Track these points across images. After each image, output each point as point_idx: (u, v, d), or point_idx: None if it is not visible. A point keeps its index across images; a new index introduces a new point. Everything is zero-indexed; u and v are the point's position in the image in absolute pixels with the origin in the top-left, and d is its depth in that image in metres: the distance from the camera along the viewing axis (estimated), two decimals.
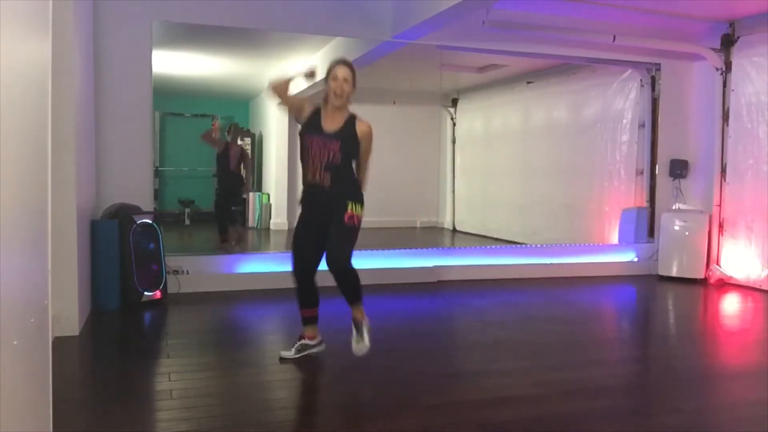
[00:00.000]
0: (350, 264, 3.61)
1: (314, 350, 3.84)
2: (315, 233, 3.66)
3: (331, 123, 3.63)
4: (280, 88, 3.71)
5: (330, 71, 3.63)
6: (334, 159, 3.57)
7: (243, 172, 8.73)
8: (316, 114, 3.67)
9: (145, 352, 4.13)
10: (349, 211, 3.59)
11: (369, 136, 3.69)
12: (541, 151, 9.18)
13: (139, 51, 5.56)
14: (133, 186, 5.53)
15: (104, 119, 5.46)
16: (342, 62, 3.65)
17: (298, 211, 3.81)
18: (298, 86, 3.90)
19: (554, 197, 8.79)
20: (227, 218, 8.49)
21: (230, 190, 8.56)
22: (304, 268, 3.73)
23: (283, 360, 3.77)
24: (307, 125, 3.67)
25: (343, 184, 3.63)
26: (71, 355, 3.93)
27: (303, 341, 3.82)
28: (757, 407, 3.23)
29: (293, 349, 3.81)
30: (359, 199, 3.68)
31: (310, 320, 3.85)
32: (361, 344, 3.71)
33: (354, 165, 3.71)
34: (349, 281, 3.65)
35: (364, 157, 3.74)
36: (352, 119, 3.67)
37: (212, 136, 8.74)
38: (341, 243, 3.59)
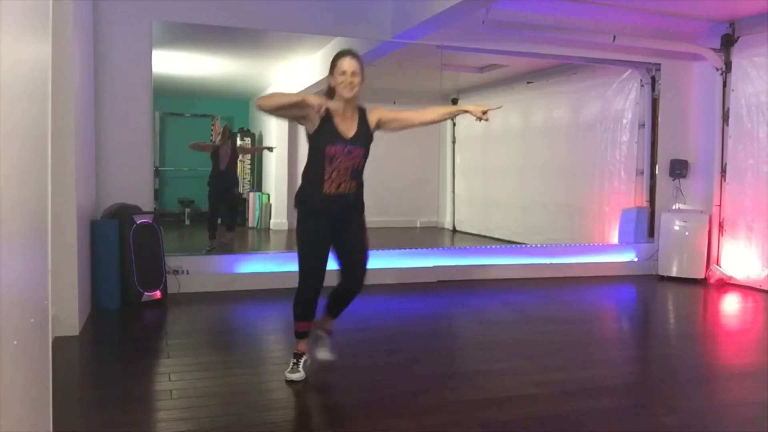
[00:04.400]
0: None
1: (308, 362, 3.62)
2: (331, 244, 3.41)
3: (348, 126, 3.30)
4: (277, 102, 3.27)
5: (335, 65, 3.29)
6: (358, 165, 3.32)
7: (244, 167, 8.79)
8: (329, 120, 3.26)
9: (145, 352, 4.13)
10: (363, 216, 3.49)
11: (382, 110, 3.41)
12: (541, 151, 9.18)
13: (139, 51, 5.56)
14: (133, 186, 5.53)
15: (104, 119, 5.46)
16: (347, 53, 3.32)
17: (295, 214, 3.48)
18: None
19: (554, 197, 8.78)
20: (216, 217, 8.65)
21: (219, 189, 8.71)
22: (318, 279, 3.39)
23: (290, 383, 3.44)
24: (320, 132, 3.27)
25: (361, 189, 3.43)
26: (71, 355, 3.93)
27: (305, 357, 3.56)
28: (757, 407, 3.23)
29: (301, 370, 3.48)
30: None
31: (306, 334, 3.60)
32: (323, 353, 3.67)
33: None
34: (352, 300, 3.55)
35: (407, 116, 3.48)
36: (363, 114, 3.37)
37: (201, 144, 8.91)
38: (366, 253, 3.45)
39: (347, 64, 3.27)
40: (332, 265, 3.46)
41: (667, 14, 6.56)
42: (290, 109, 3.24)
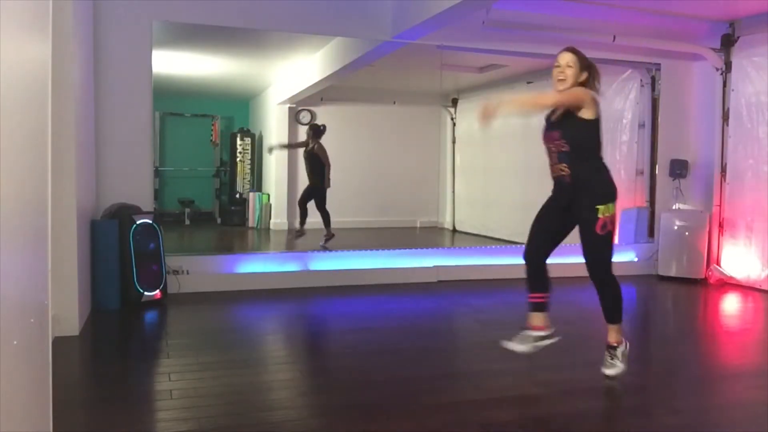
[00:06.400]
0: (609, 279, 3.54)
1: (546, 342, 3.58)
2: (551, 226, 3.66)
3: (557, 114, 3.56)
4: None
5: (556, 59, 3.57)
6: (562, 147, 3.51)
7: (244, 167, 8.79)
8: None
9: (145, 352, 4.14)
10: (599, 217, 3.40)
11: (576, 95, 3.56)
12: (541, 151, 9.14)
13: (139, 51, 5.56)
14: (133, 186, 5.53)
15: (104, 119, 5.45)
16: (566, 48, 3.61)
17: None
18: None
19: None
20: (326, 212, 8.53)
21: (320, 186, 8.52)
22: (530, 260, 3.73)
23: (518, 351, 3.53)
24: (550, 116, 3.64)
25: (583, 177, 3.49)
26: (71, 355, 3.93)
27: (527, 332, 3.58)
28: (757, 407, 3.23)
29: (524, 343, 3.52)
30: (609, 196, 3.47)
31: (536, 307, 3.64)
32: (611, 369, 3.57)
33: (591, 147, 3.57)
34: (607, 297, 3.58)
35: (585, 113, 3.58)
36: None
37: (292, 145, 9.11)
38: (595, 255, 3.54)
39: (562, 57, 3.56)
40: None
41: (667, 14, 6.55)
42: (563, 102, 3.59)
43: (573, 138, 3.48)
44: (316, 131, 8.49)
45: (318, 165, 8.29)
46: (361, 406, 3.15)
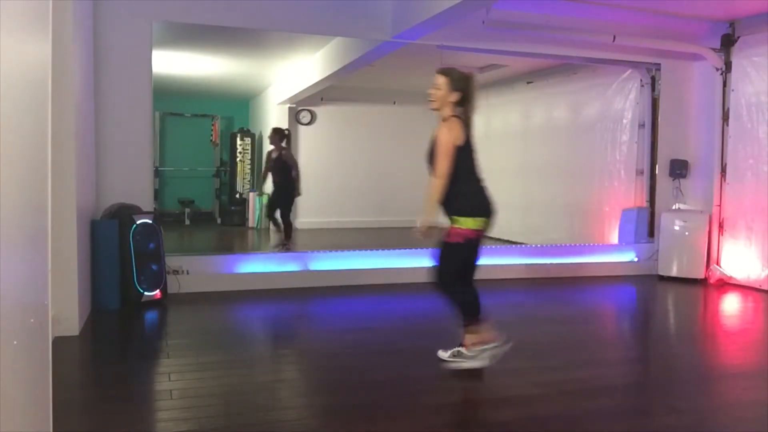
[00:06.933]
0: (443, 283, 3.67)
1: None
2: None
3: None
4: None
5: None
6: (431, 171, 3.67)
7: (244, 167, 8.49)
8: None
9: (145, 352, 4.14)
10: (450, 226, 3.63)
11: (438, 135, 3.68)
12: (541, 151, 9.18)
13: (139, 51, 5.56)
14: (133, 186, 5.53)
15: (104, 119, 5.45)
16: (438, 70, 3.71)
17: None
18: None
19: (554, 197, 8.78)
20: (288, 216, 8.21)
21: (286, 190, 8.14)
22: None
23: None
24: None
25: (444, 197, 3.65)
26: (71, 355, 3.93)
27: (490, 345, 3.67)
28: (757, 407, 3.23)
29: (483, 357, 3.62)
30: (459, 212, 3.67)
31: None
32: (444, 356, 3.72)
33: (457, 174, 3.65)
34: (448, 301, 3.71)
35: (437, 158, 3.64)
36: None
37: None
38: (437, 259, 3.69)
39: (435, 78, 3.68)
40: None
41: (667, 14, 6.55)
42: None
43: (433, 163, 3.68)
44: (282, 136, 8.00)
45: (287, 171, 7.86)
46: (361, 406, 3.15)
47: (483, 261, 6.93)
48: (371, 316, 5.18)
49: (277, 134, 8.00)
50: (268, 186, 8.38)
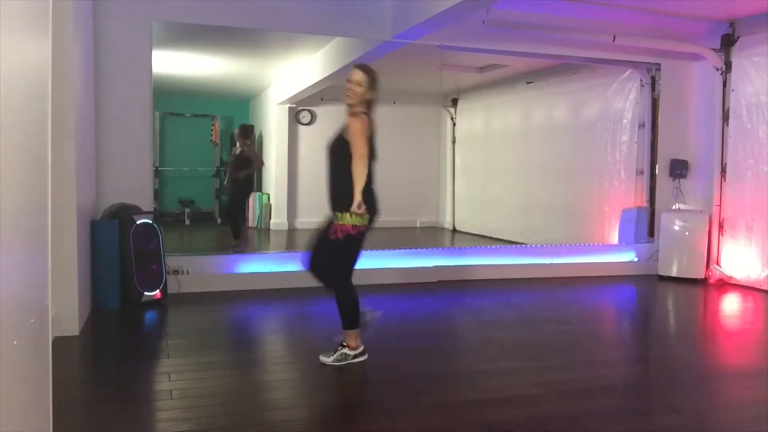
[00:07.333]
0: (332, 281, 3.67)
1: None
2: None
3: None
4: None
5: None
6: (330, 167, 3.66)
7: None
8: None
9: (145, 352, 4.13)
10: (335, 222, 3.60)
11: (349, 129, 3.60)
12: (541, 151, 9.18)
13: (139, 51, 5.56)
14: (133, 186, 5.53)
15: (104, 119, 5.45)
16: (357, 66, 3.71)
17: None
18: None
19: (554, 197, 8.78)
20: (240, 216, 8.28)
21: (240, 189, 8.23)
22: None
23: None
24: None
25: (334, 192, 3.65)
26: (71, 355, 3.93)
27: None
28: (757, 407, 3.23)
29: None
30: (346, 207, 3.51)
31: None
32: (325, 359, 3.72)
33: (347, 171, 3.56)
34: (336, 301, 3.68)
35: (352, 155, 3.55)
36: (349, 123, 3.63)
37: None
38: (323, 256, 3.70)
39: (351, 74, 3.64)
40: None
41: (667, 14, 6.55)
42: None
43: (336, 160, 3.67)
44: (246, 132, 8.14)
45: (247, 167, 7.99)
46: (361, 406, 3.15)
47: (483, 261, 6.98)
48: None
49: (241, 131, 8.19)
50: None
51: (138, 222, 5.18)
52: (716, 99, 6.94)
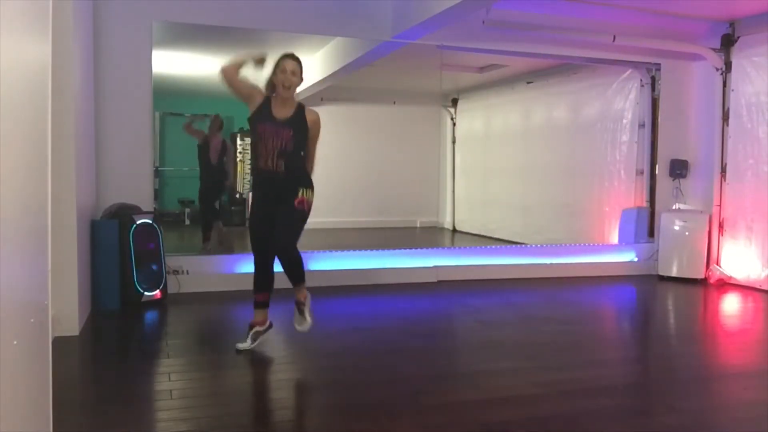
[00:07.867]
0: (295, 247, 3.84)
1: (264, 335, 4.03)
2: (269, 217, 3.82)
3: (282, 111, 3.80)
4: (230, 73, 3.86)
5: (278, 64, 3.86)
6: (287, 146, 3.74)
7: (244, 166, 8.49)
8: (267, 102, 3.83)
9: (145, 352, 4.13)
10: (299, 196, 3.79)
11: (317, 124, 3.88)
12: (541, 151, 9.18)
13: (139, 51, 5.56)
14: (133, 186, 5.53)
15: (104, 119, 5.46)
16: (290, 56, 3.89)
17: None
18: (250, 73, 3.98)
19: (554, 197, 8.78)
20: (210, 214, 8.23)
21: (211, 184, 8.21)
22: (260, 249, 3.95)
23: (240, 351, 3.90)
24: (259, 113, 3.81)
25: (295, 171, 3.81)
26: (71, 355, 3.93)
27: (255, 329, 3.98)
28: (757, 407, 3.23)
29: (248, 340, 3.94)
30: (311, 185, 3.88)
31: (261, 305, 4.03)
32: (304, 324, 3.94)
33: (303, 152, 3.88)
34: (293, 263, 3.85)
35: (312, 144, 3.91)
36: (301, 109, 3.86)
37: (193, 129, 8.52)
38: (289, 226, 3.82)
39: (288, 64, 3.85)
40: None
41: (667, 14, 6.55)
42: (239, 92, 3.90)
43: (300, 141, 3.83)
44: (216, 123, 8.25)
45: (221, 160, 7.98)
46: (361, 406, 3.15)
47: (483, 261, 6.98)
48: (371, 316, 5.18)
49: (216, 122, 8.37)
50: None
51: (138, 222, 5.18)
52: (716, 99, 6.95)
